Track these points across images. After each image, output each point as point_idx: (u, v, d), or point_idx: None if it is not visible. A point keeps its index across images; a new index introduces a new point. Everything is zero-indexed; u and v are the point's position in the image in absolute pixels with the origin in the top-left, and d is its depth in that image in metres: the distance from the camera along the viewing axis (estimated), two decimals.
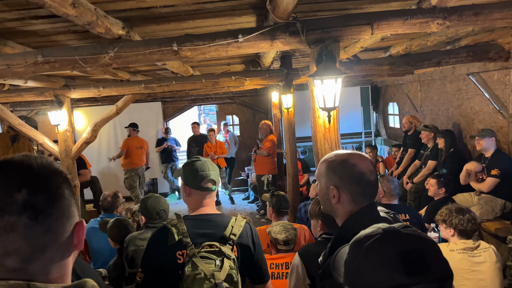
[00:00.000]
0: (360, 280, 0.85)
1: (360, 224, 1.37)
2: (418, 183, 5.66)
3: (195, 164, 1.99)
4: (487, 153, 4.58)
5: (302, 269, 2.15)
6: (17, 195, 0.76)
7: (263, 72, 5.78)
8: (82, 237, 0.86)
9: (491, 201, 4.41)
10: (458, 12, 2.80)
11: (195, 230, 1.88)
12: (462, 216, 2.82)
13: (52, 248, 0.79)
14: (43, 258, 0.78)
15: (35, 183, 0.79)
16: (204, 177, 1.97)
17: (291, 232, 2.93)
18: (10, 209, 0.75)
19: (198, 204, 1.99)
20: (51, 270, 0.80)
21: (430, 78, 6.88)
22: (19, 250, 0.76)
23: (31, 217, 0.76)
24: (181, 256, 1.83)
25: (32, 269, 0.77)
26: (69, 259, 0.84)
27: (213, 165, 2.04)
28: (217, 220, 1.97)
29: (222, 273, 1.80)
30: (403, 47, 4.90)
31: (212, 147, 8.76)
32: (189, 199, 2.01)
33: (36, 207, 0.77)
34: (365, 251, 0.86)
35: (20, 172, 0.79)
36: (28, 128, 5.85)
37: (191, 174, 1.98)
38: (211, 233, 1.90)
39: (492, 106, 5.19)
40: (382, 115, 9.89)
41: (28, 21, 2.99)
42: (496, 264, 2.72)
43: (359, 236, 0.92)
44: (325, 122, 2.98)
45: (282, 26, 2.82)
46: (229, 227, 1.94)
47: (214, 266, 1.80)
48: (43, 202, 0.78)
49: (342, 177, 1.42)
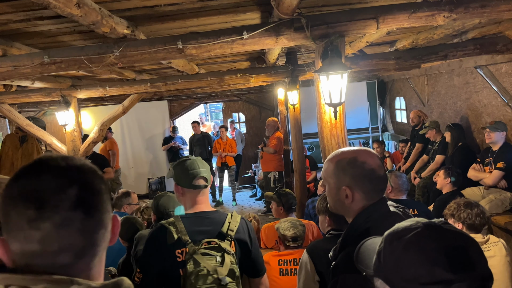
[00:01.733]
0: (399, 273, 0.83)
1: (371, 220, 1.36)
2: (426, 178, 5.62)
3: (185, 163, 2.01)
4: (495, 146, 4.54)
5: (311, 266, 2.15)
6: (70, 191, 0.77)
7: (268, 69, 5.77)
8: (117, 231, 0.88)
9: (501, 195, 4.37)
10: (465, 4, 2.77)
11: (193, 228, 1.90)
12: (471, 210, 2.80)
13: (103, 243, 0.82)
14: (92, 252, 0.80)
15: (83, 179, 0.80)
16: (195, 175, 1.98)
17: (299, 229, 2.93)
18: (65, 204, 0.76)
19: (192, 203, 2.01)
20: (94, 265, 0.82)
21: (437, 71, 6.83)
22: (74, 245, 0.77)
23: (85, 211, 0.78)
24: (180, 254, 1.85)
25: (81, 265, 0.79)
26: (104, 253, 0.86)
27: (203, 163, 2.07)
28: (213, 217, 2.00)
29: (224, 268, 1.83)
30: (409, 41, 4.86)
31: (222, 144, 8.74)
32: (183, 198, 2.03)
33: (88, 201, 0.79)
34: (405, 244, 0.84)
35: (67, 170, 0.80)
36: (36, 129, 5.90)
37: (182, 173, 1.99)
38: (209, 230, 1.92)
39: (501, 99, 5.14)
40: (389, 110, 9.83)
41: (34, 22, 3.01)
42: (506, 258, 2.70)
43: (396, 229, 0.90)
44: (331, 118, 2.97)
45: (287, 22, 2.81)
46: (226, 223, 1.96)
47: (215, 262, 1.83)
48: (93, 197, 0.80)
49: (354, 177, 1.39)
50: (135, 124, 10.12)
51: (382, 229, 1.35)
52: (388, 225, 1.35)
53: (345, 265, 1.33)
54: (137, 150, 10.25)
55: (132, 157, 10.20)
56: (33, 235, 0.74)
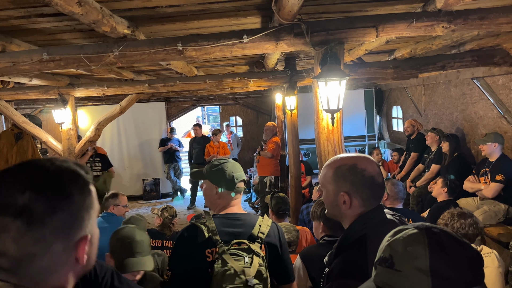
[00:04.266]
0: None
1: (368, 226, 1.36)
2: (421, 187, 5.64)
3: (227, 166, 2.00)
4: (491, 157, 4.56)
5: (304, 272, 2.15)
6: (20, 198, 0.74)
7: (267, 73, 5.78)
8: (83, 253, 0.80)
9: (494, 206, 4.39)
10: (464, 16, 2.79)
11: (224, 228, 1.89)
12: (464, 220, 2.80)
13: (43, 259, 0.76)
14: (34, 266, 0.76)
15: (42, 188, 0.76)
16: (239, 179, 2.00)
17: (292, 234, 2.93)
18: (8, 210, 0.73)
19: (226, 205, 2.01)
20: (45, 281, 0.77)
21: (434, 82, 6.87)
22: (8, 253, 0.74)
23: (24, 223, 0.73)
24: (210, 254, 1.84)
25: (23, 275, 0.75)
26: (68, 274, 0.81)
27: (240, 166, 2.08)
28: (245, 219, 1.99)
29: (252, 269, 1.81)
30: (408, 51, 4.89)
31: (215, 147, 8.74)
32: (218, 201, 2.02)
33: (32, 214, 0.74)
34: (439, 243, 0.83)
35: (31, 174, 0.77)
36: (32, 126, 5.88)
37: (225, 176, 1.98)
38: (240, 231, 1.92)
39: (497, 111, 5.17)
40: (386, 118, 9.87)
41: (34, 19, 3.00)
42: (498, 269, 2.71)
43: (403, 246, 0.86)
44: (328, 124, 2.98)
45: (287, 27, 2.82)
46: (256, 226, 1.96)
47: (244, 263, 1.82)
48: (42, 210, 0.74)
49: (354, 183, 1.40)
50: (131, 125, 10.09)
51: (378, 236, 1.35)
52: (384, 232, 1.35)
53: (340, 271, 1.33)
54: (133, 150, 10.22)
55: (128, 157, 10.17)
56: None
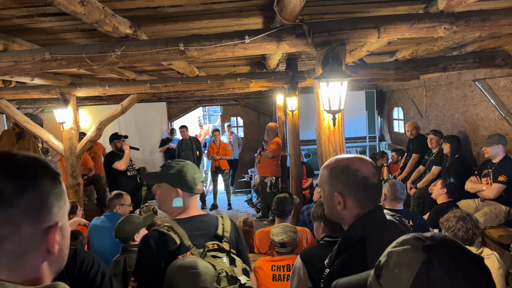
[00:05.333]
0: None
1: (367, 227, 1.37)
2: (421, 189, 5.63)
3: (188, 168, 1.96)
4: (495, 159, 4.55)
5: (304, 272, 2.15)
6: None
7: (268, 74, 5.78)
8: (54, 242, 0.80)
9: (495, 208, 4.39)
10: (465, 18, 2.80)
11: (191, 232, 1.86)
12: (464, 222, 2.80)
13: (13, 242, 0.76)
14: (4, 249, 0.75)
15: (10, 170, 0.77)
16: (199, 180, 1.98)
17: (288, 235, 2.91)
18: None
19: (186, 208, 1.96)
20: (17, 268, 0.77)
21: (435, 83, 6.87)
22: None
23: None
24: None
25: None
26: (42, 265, 0.80)
27: (197, 167, 2.06)
28: (207, 220, 1.99)
29: (238, 268, 1.83)
30: (409, 52, 4.89)
31: (215, 148, 8.73)
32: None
33: (1, 193, 0.75)
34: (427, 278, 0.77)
35: (1, 160, 0.79)
36: (33, 126, 5.89)
37: (185, 178, 1.94)
38: (206, 233, 1.90)
39: (498, 112, 5.17)
40: (387, 119, 9.87)
41: (37, 19, 3.01)
42: (499, 271, 2.71)
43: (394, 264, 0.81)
44: (329, 125, 2.98)
45: (289, 28, 2.83)
46: (219, 225, 1.96)
47: (227, 263, 1.83)
48: (11, 190, 0.75)
49: (346, 184, 1.40)
50: (132, 125, 10.09)
51: (378, 237, 1.35)
52: (384, 233, 1.36)
53: (340, 272, 1.33)
54: (134, 150, 10.20)
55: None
56: None
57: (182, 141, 8.91)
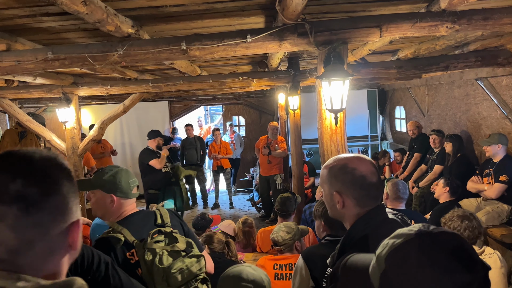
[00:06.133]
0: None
1: (370, 226, 1.37)
2: (423, 188, 5.63)
3: (121, 174, 1.97)
4: (495, 158, 4.55)
5: (306, 272, 2.15)
6: (11, 185, 0.75)
7: (270, 73, 5.79)
8: (76, 237, 0.83)
9: (498, 207, 4.38)
10: (468, 16, 2.79)
11: (132, 228, 1.91)
12: (465, 222, 2.80)
13: (41, 244, 0.77)
14: (31, 253, 0.76)
15: (32, 175, 0.77)
16: (133, 184, 1.99)
17: (279, 234, 2.91)
18: (2, 198, 0.74)
19: (122, 211, 1.98)
20: (42, 267, 0.78)
21: (437, 82, 6.86)
22: (6, 241, 0.74)
23: (21, 208, 0.74)
24: (132, 256, 1.85)
25: (20, 262, 0.76)
26: (63, 259, 0.82)
27: (131, 172, 2.07)
28: (144, 214, 2.04)
29: (181, 242, 1.91)
30: (411, 51, 4.89)
31: (216, 147, 8.72)
32: (114, 209, 1.97)
33: (28, 199, 0.75)
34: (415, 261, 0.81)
35: (19, 163, 0.79)
36: (36, 125, 5.90)
37: (120, 184, 1.95)
38: (147, 225, 1.96)
39: (500, 111, 5.16)
40: (389, 118, 9.86)
41: (40, 18, 3.01)
42: (501, 270, 2.71)
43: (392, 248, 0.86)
44: (331, 124, 2.99)
45: (291, 27, 2.83)
46: (157, 215, 2.02)
47: (164, 244, 1.88)
48: (37, 195, 0.76)
49: (344, 183, 1.41)
50: (134, 124, 10.12)
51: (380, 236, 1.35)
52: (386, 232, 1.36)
53: (343, 271, 1.34)
54: (136, 149, 10.21)
55: (130, 156, 10.19)
56: None
57: (187, 140, 8.87)
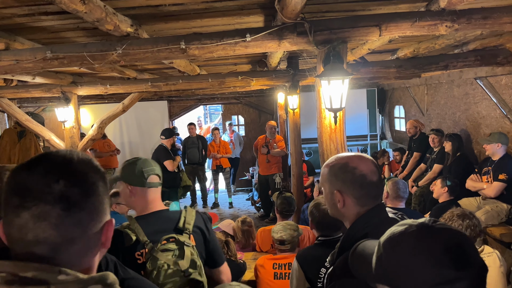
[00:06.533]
0: (407, 278, 0.84)
1: (370, 225, 1.37)
2: (423, 187, 5.64)
3: (137, 162, 1.95)
4: (494, 156, 4.55)
5: (300, 273, 2.16)
6: (55, 186, 0.78)
7: (269, 72, 5.78)
8: (110, 235, 0.88)
9: (497, 206, 4.39)
10: (467, 16, 2.79)
11: (150, 228, 1.87)
12: (464, 220, 2.80)
13: (80, 242, 0.81)
14: (71, 250, 0.80)
15: (73, 176, 0.81)
16: (150, 173, 1.95)
17: (287, 232, 2.92)
18: (46, 198, 0.77)
19: (145, 203, 1.95)
20: (79, 263, 0.82)
21: (437, 81, 6.86)
22: (49, 239, 0.78)
23: (64, 208, 0.78)
24: (140, 256, 1.83)
25: (60, 260, 0.79)
26: (96, 256, 0.87)
27: (154, 162, 2.03)
28: (168, 214, 1.98)
29: (185, 260, 1.82)
30: (411, 50, 4.89)
31: (216, 146, 8.71)
32: (134, 199, 1.96)
33: (70, 199, 0.79)
34: (410, 250, 0.85)
35: (60, 165, 0.82)
36: (35, 124, 5.90)
37: (134, 172, 1.92)
38: (166, 227, 1.90)
39: (500, 111, 5.16)
40: (388, 118, 9.86)
41: (38, 17, 3.01)
42: (500, 269, 2.71)
43: (392, 235, 0.90)
44: (331, 123, 2.98)
45: (290, 26, 2.83)
46: (181, 218, 1.95)
47: (172, 256, 1.82)
48: (78, 196, 0.80)
49: (345, 181, 1.41)
50: (133, 123, 10.11)
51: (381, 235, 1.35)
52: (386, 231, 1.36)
53: (343, 270, 1.34)
54: (135, 149, 10.24)
55: (130, 156, 10.16)
56: (14, 221, 0.77)
57: (189, 139, 8.83)
